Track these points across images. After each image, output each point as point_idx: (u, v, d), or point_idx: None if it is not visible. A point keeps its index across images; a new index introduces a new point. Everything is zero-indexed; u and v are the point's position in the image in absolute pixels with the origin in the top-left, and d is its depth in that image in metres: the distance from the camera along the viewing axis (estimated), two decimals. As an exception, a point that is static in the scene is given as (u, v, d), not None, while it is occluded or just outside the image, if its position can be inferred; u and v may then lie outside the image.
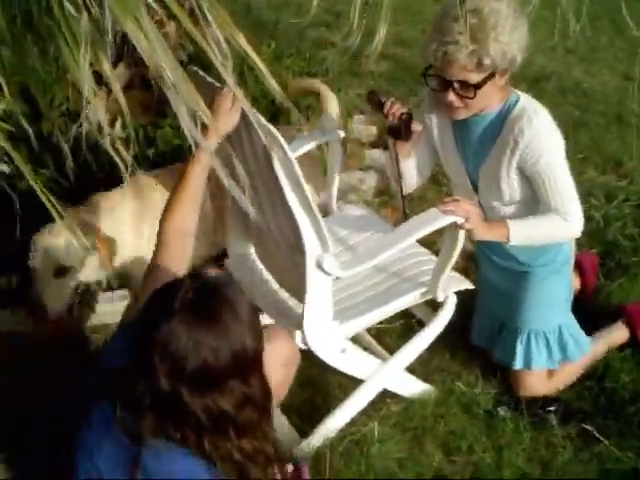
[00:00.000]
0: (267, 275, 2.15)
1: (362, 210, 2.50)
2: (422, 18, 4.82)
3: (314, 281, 1.77)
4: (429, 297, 2.03)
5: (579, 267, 2.47)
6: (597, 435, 2.05)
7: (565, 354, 2.18)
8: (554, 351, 2.16)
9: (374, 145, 3.51)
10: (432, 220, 1.85)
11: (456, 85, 1.85)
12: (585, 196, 1.97)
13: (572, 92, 4.22)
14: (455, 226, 1.86)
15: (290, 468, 1.85)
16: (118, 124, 2.76)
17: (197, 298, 1.24)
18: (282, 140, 1.58)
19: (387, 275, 2.12)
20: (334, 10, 4.87)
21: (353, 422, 2.07)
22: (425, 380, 2.20)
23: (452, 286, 2.04)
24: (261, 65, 1.54)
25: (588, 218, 1.97)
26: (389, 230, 2.26)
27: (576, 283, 2.44)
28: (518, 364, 2.16)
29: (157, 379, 1.21)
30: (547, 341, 2.15)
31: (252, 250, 2.22)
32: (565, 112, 3.90)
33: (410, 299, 2.03)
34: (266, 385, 1.33)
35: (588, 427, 2.06)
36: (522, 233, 1.96)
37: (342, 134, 2.28)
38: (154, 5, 1.27)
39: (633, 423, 2.07)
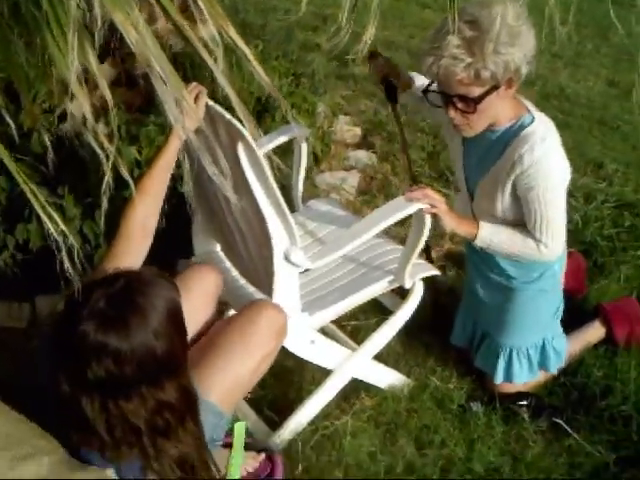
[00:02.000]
0: (234, 271, 2.16)
1: (328, 204, 2.52)
2: (408, 22, 4.87)
3: (282, 274, 1.79)
4: (397, 285, 2.05)
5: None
6: (568, 429, 2.06)
7: (545, 365, 2.19)
8: (535, 364, 2.17)
9: (358, 146, 3.54)
10: (397, 209, 1.87)
11: (455, 100, 1.77)
12: (566, 197, 1.96)
13: (556, 96, 4.27)
14: (420, 214, 1.86)
15: (262, 457, 1.87)
16: (101, 123, 2.78)
17: (106, 306, 1.23)
18: (248, 134, 1.60)
19: (355, 265, 2.14)
20: (322, 14, 4.91)
21: (326, 416, 2.08)
22: (399, 375, 2.22)
23: (419, 273, 2.06)
24: (251, 56, 1.57)
25: (568, 219, 1.97)
26: (356, 222, 2.29)
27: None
28: (499, 379, 2.17)
29: (60, 384, 1.21)
30: (529, 357, 2.16)
31: (218, 248, 2.24)
32: (548, 115, 3.93)
33: (378, 287, 2.05)
34: (187, 389, 1.31)
35: (559, 421, 2.08)
36: (490, 240, 1.94)
37: (308, 131, 2.31)
38: (142, -2, 1.30)
39: (604, 417, 2.08)
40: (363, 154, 3.43)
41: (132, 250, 1.61)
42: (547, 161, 1.79)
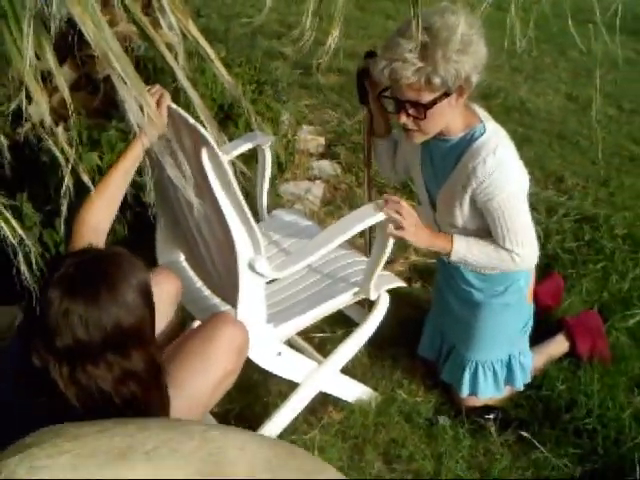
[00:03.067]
0: (198, 282, 2.13)
1: (293, 213, 2.50)
2: (372, 33, 4.89)
3: (246, 283, 1.75)
4: (362, 297, 2.04)
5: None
6: (534, 442, 2.07)
7: (511, 380, 2.19)
8: (500, 380, 2.17)
9: (322, 156, 3.53)
10: (362, 218, 1.86)
11: (407, 105, 1.77)
12: (529, 207, 1.97)
13: (517, 110, 4.33)
14: (386, 229, 1.84)
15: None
16: (61, 127, 2.71)
17: (76, 273, 1.25)
18: (211, 140, 1.56)
19: (321, 276, 2.12)
20: (286, 22, 4.91)
21: (294, 430, 2.05)
22: (367, 388, 2.21)
23: (384, 285, 2.05)
24: (213, 55, 1.54)
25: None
26: (321, 232, 2.28)
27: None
28: (465, 392, 2.17)
29: (31, 354, 1.23)
30: (494, 371, 2.15)
31: (182, 257, 2.20)
32: (509, 129, 3.94)
33: (343, 299, 2.03)
34: (154, 361, 1.32)
35: (525, 434, 2.08)
36: (464, 254, 1.93)
37: (272, 139, 2.29)
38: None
39: (569, 430, 2.10)
40: (327, 164, 3.42)
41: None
42: (501, 171, 1.78)
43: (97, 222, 1.66)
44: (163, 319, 1.77)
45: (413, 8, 1.54)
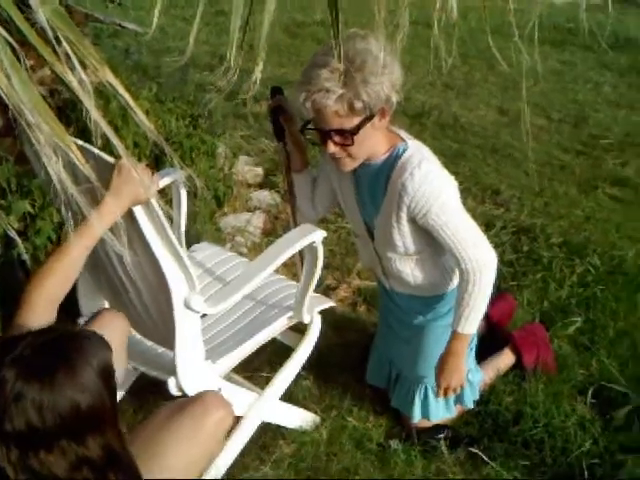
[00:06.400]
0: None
1: (211, 247, 2.48)
2: (305, 59, 4.92)
3: (182, 322, 1.73)
4: (296, 321, 2.05)
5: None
6: (484, 458, 2.08)
7: (460, 400, 2.19)
8: (450, 400, 2.17)
9: (260, 186, 3.53)
10: (292, 243, 1.87)
11: (333, 134, 1.78)
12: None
13: (451, 127, 4.41)
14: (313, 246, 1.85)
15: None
16: (-10, 175, 2.65)
17: (32, 354, 1.17)
18: None
19: (254, 304, 2.12)
20: (218, 53, 4.92)
21: (245, 467, 2.03)
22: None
23: (316, 306, 2.07)
24: (134, 106, 1.53)
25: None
26: (244, 262, 2.31)
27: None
28: (417, 417, 2.17)
29: None
30: None
31: (106, 305, 2.15)
32: (444, 145, 4.07)
33: (278, 326, 2.04)
34: (111, 447, 1.24)
35: (475, 450, 2.10)
36: (471, 322, 1.92)
37: (184, 174, 2.24)
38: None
39: (517, 443, 2.11)
40: (266, 194, 3.42)
41: (42, 319, 1.48)
42: (430, 182, 1.80)
43: (53, 293, 1.53)
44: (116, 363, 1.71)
45: (334, 37, 1.55)
